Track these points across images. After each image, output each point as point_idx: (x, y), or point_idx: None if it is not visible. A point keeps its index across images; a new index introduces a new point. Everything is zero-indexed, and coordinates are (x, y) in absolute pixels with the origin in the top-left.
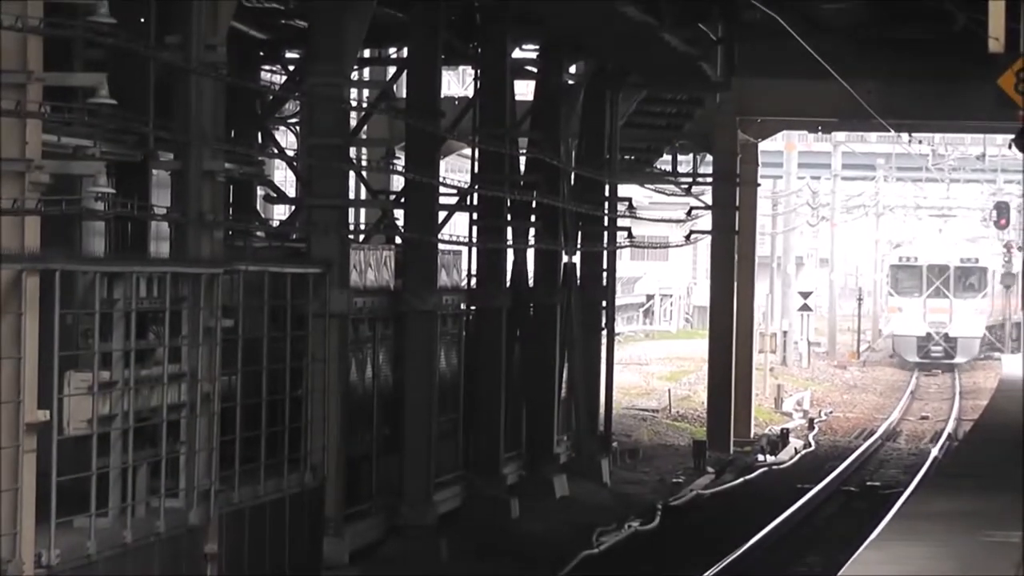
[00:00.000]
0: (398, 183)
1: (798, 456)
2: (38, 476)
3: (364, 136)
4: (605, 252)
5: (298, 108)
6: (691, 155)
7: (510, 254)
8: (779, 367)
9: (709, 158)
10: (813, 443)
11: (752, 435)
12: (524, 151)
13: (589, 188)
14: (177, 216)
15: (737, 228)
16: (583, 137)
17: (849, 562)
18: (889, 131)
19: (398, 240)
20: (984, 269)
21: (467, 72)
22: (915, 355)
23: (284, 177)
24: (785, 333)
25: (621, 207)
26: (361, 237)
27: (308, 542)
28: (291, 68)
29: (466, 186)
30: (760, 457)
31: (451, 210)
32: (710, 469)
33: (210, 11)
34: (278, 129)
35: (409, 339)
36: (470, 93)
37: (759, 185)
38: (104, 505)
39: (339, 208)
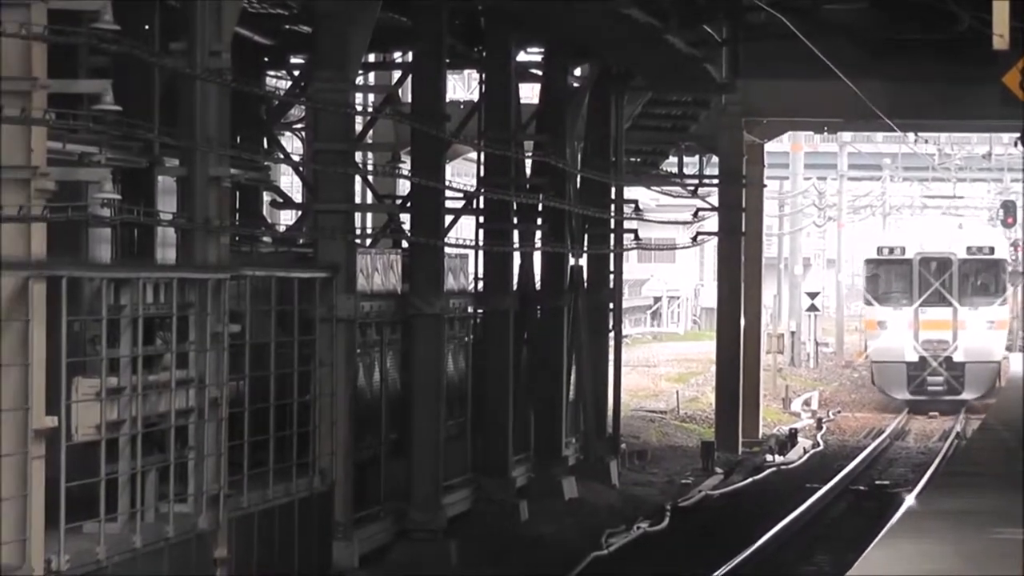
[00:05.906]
0: (404, 187)
1: (806, 456)
2: (47, 482)
3: (370, 140)
4: (612, 254)
5: (303, 113)
6: (697, 157)
7: (517, 257)
8: (787, 368)
9: (715, 160)
10: (821, 443)
11: (760, 435)
12: (530, 154)
13: (595, 191)
14: (183, 222)
15: (744, 229)
16: (588, 140)
17: (858, 561)
18: (895, 131)
19: (405, 244)
20: (1001, 263)
21: (472, 76)
22: (904, 390)
23: (290, 182)
24: (793, 333)
25: (627, 209)
26: (368, 241)
27: (317, 546)
28: (296, 73)
29: (472, 189)
30: (768, 457)
31: (457, 214)
32: (719, 470)
33: (214, 17)
34: (284, 134)
35: (416, 343)
36: (475, 97)
37: (765, 186)
38: (113, 510)
39: (345, 213)
